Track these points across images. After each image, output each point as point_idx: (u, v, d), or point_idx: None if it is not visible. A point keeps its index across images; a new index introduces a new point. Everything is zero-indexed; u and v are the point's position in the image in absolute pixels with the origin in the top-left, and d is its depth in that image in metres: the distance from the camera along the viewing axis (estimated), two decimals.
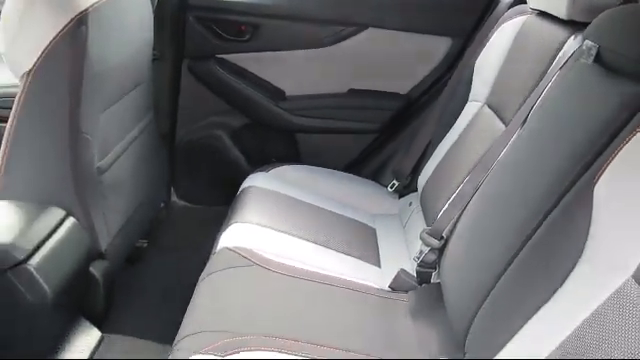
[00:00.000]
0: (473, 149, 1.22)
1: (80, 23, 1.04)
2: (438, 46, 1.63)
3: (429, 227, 1.17)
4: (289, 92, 1.69)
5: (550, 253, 0.77)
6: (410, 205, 1.49)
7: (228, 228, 1.25)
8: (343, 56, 1.64)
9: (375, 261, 1.27)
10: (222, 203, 1.54)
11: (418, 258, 1.15)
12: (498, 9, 1.48)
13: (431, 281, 1.16)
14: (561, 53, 1.05)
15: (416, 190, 1.46)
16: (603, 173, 0.73)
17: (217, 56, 1.66)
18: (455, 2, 1.61)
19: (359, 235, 1.36)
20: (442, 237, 1.12)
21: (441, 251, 1.12)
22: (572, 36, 1.05)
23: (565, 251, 0.73)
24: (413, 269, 1.19)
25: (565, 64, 0.99)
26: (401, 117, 1.70)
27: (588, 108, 0.83)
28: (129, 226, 1.36)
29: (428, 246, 1.13)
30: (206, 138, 1.74)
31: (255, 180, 1.48)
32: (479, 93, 1.35)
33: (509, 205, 0.93)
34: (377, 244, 1.35)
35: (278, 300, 1.05)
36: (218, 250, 1.18)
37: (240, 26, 1.63)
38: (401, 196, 1.57)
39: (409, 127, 1.68)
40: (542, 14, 1.20)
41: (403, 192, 1.57)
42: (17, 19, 1.03)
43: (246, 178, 1.51)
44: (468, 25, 1.61)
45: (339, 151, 1.74)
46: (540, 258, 0.79)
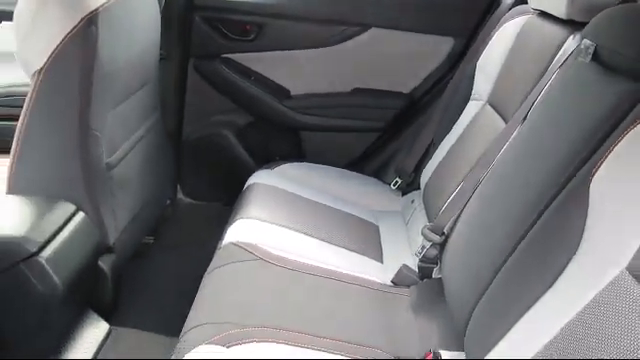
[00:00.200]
0: (475, 147, 1.24)
1: (90, 23, 1.06)
2: (441, 46, 1.64)
3: (431, 223, 1.19)
4: (294, 91, 1.71)
5: (546, 247, 0.78)
6: (412, 202, 1.51)
7: (233, 224, 1.27)
8: (347, 56, 1.65)
9: (377, 257, 1.29)
10: (227, 200, 1.55)
11: (420, 253, 1.17)
12: (500, 9, 1.50)
13: (432, 276, 1.18)
14: (561, 52, 1.06)
15: (419, 188, 1.48)
16: (599, 169, 0.74)
17: (223, 55, 1.68)
18: (458, 3, 1.62)
19: (362, 231, 1.37)
20: (443, 233, 1.13)
21: (442, 246, 1.13)
22: (571, 35, 1.06)
23: (561, 245, 0.75)
24: (415, 265, 1.20)
25: (564, 63, 1.01)
26: (404, 116, 1.71)
27: (585, 105, 0.85)
28: (136, 222, 1.38)
29: (429, 241, 1.15)
30: (212, 136, 1.76)
31: (260, 177, 1.50)
32: (481, 92, 1.37)
33: (507, 201, 0.94)
34: (380, 240, 1.37)
35: (281, 293, 1.07)
36: (223, 245, 1.20)
37: (245, 26, 1.65)
38: (404, 194, 1.58)
39: (412, 126, 1.69)
40: (543, 14, 1.22)
41: (406, 190, 1.58)
42: (29, 19, 1.06)
43: (251, 175, 1.53)
44: (470, 25, 1.62)
45: (343, 149, 1.75)
46: (537, 252, 0.80)
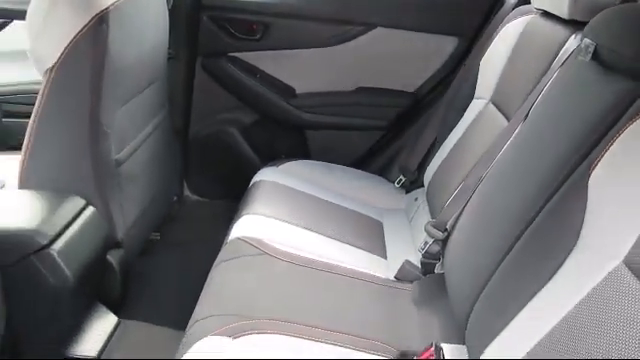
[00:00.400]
0: (477, 145, 1.25)
1: (101, 21, 1.08)
2: (444, 45, 1.66)
3: (433, 220, 1.20)
4: (299, 89, 1.72)
5: (546, 242, 0.80)
6: (416, 200, 1.52)
7: (239, 220, 1.29)
8: (351, 55, 1.67)
9: (381, 253, 1.31)
10: (233, 197, 1.57)
11: (422, 249, 1.18)
12: (503, 9, 1.51)
13: (435, 272, 1.20)
14: (562, 51, 1.07)
15: (422, 186, 1.49)
16: (597, 165, 0.76)
17: (229, 54, 1.70)
18: (461, 3, 1.63)
19: (366, 228, 1.39)
20: (445, 229, 1.15)
21: (444, 243, 1.15)
22: (573, 35, 1.07)
23: (560, 240, 0.76)
24: (418, 261, 1.22)
25: (565, 61, 1.02)
26: (408, 114, 1.73)
27: (585, 103, 0.86)
28: (144, 218, 1.40)
29: (432, 238, 1.16)
30: (218, 134, 1.78)
31: (265, 175, 1.51)
32: (484, 91, 1.38)
33: (507, 197, 0.96)
34: (383, 237, 1.38)
35: (286, 286, 1.09)
36: (230, 240, 1.22)
37: (252, 25, 1.66)
38: (407, 192, 1.60)
39: (415, 124, 1.71)
40: (546, 14, 1.23)
41: (409, 188, 1.60)
42: (41, 17, 1.08)
43: (256, 173, 1.55)
44: (474, 25, 1.63)
45: (347, 147, 1.77)
46: (536, 248, 0.82)
